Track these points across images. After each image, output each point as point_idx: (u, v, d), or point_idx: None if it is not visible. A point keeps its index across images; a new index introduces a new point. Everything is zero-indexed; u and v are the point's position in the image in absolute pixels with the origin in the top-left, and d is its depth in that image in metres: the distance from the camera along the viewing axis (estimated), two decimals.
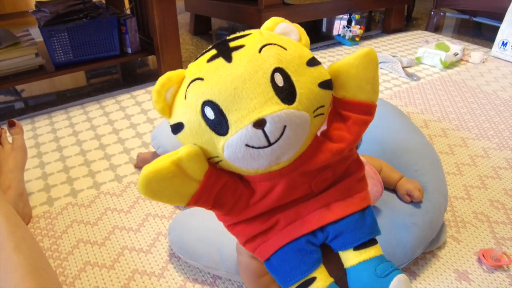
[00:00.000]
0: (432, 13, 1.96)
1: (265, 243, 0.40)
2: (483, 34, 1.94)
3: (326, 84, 0.35)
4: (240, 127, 0.31)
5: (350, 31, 1.75)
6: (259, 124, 0.31)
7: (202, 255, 0.64)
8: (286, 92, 0.32)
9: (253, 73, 0.32)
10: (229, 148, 0.32)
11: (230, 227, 0.42)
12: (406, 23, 2.13)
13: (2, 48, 1.16)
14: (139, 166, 0.94)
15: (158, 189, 0.34)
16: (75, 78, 1.52)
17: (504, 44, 1.58)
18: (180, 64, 1.40)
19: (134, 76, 1.56)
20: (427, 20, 2.04)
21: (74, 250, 0.72)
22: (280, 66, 0.32)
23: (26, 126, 1.13)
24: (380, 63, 1.51)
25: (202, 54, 0.36)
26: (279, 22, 0.37)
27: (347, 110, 0.38)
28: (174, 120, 0.35)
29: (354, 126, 0.38)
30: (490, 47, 1.65)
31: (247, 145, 0.32)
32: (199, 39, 1.95)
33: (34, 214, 0.81)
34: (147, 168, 0.33)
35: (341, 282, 0.40)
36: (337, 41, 1.82)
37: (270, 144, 0.32)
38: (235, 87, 0.31)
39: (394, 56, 1.50)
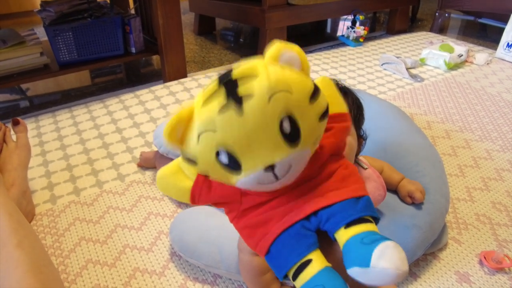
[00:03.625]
0: (437, 14, 1.95)
1: (264, 236, 0.42)
2: (488, 36, 1.93)
3: (324, 114, 0.39)
4: (253, 171, 0.36)
5: (354, 32, 1.75)
6: (270, 168, 0.36)
7: (203, 254, 0.64)
8: (292, 137, 0.36)
9: (265, 125, 0.35)
10: (241, 183, 0.38)
11: (234, 221, 0.46)
12: (410, 24, 2.12)
13: (8, 47, 1.17)
14: (141, 165, 0.95)
15: (166, 184, 0.43)
16: (79, 77, 1.53)
17: (509, 45, 1.57)
18: (184, 64, 1.41)
19: (138, 75, 1.57)
20: (431, 21, 2.04)
21: (76, 247, 0.73)
22: (288, 113, 0.36)
23: (30, 124, 1.14)
24: (384, 64, 1.51)
25: (211, 96, 0.36)
26: (282, 50, 0.39)
27: (329, 123, 0.43)
28: (187, 155, 0.39)
29: (338, 132, 0.44)
30: (495, 49, 1.65)
31: (259, 183, 0.37)
32: (203, 39, 1.95)
33: (37, 211, 0.82)
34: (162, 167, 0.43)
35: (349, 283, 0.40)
36: (341, 42, 1.82)
37: (277, 179, 0.37)
38: (248, 138, 0.35)
39: (398, 57, 1.50)
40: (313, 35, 2.03)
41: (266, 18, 1.50)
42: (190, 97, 1.29)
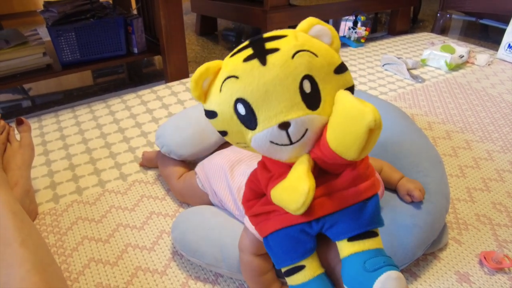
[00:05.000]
0: (438, 15, 1.95)
1: (265, 221, 0.42)
2: (490, 37, 1.94)
3: (349, 90, 0.38)
4: (267, 126, 0.35)
5: (355, 32, 1.75)
6: (284, 126, 0.35)
7: (205, 253, 0.65)
8: (312, 99, 0.35)
9: (284, 78, 0.34)
10: (255, 141, 0.37)
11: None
12: (412, 25, 2.13)
13: (11, 47, 1.18)
14: (144, 164, 0.95)
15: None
16: (82, 78, 1.54)
17: (510, 46, 1.57)
18: (186, 64, 1.41)
19: (140, 76, 1.57)
20: (433, 22, 2.04)
21: (78, 246, 0.73)
22: (310, 73, 0.35)
23: (33, 124, 1.15)
24: (385, 64, 1.52)
25: (240, 51, 0.38)
26: (314, 24, 0.39)
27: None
28: (209, 107, 0.39)
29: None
30: (496, 50, 1.65)
31: (271, 142, 0.36)
32: (205, 39, 1.96)
33: (40, 210, 0.82)
34: None
35: (337, 270, 0.40)
36: (342, 43, 1.82)
37: (291, 143, 0.36)
38: (267, 90, 0.35)
39: (399, 58, 1.50)
40: None
41: (267, 19, 1.50)
42: (192, 97, 1.29)
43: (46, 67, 1.26)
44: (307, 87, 0.35)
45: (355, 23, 1.76)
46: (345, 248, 0.38)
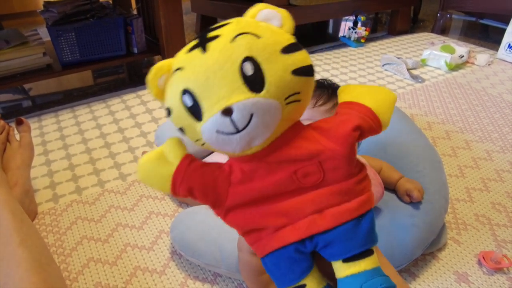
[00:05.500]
0: (439, 15, 1.95)
1: (259, 241, 0.40)
2: (490, 37, 1.93)
3: (301, 71, 0.35)
4: (210, 114, 0.33)
5: (355, 32, 1.75)
6: (226, 112, 0.33)
7: (203, 253, 0.65)
8: (254, 81, 0.33)
9: (223, 63, 0.33)
10: (204, 133, 0.35)
11: (225, 218, 0.42)
12: (412, 25, 2.12)
13: (11, 47, 1.18)
14: None
15: (147, 171, 0.39)
16: (82, 78, 1.54)
17: (510, 46, 1.57)
18: None
19: (140, 75, 1.57)
20: (433, 22, 2.04)
21: (78, 246, 0.73)
22: (250, 55, 0.33)
23: (33, 124, 1.15)
24: (385, 64, 1.52)
25: (189, 45, 0.38)
26: (261, 9, 0.38)
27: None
28: (165, 105, 0.38)
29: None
30: (497, 50, 1.65)
31: (217, 131, 0.34)
32: None
33: (39, 210, 0.82)
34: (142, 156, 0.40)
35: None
36: (342, 43, 1.82)
37: (238, 131, 0.33)
38: (207, 77, 0.33)
39: (399, 58, 1.50)
40: (315, 36, 2.03)
41: None
42: None
43: (46, 67, 1.26)
44: (248, 69, 0.33)
45: (355, 23, 1.76)
46: (341, 269, 0.36)
